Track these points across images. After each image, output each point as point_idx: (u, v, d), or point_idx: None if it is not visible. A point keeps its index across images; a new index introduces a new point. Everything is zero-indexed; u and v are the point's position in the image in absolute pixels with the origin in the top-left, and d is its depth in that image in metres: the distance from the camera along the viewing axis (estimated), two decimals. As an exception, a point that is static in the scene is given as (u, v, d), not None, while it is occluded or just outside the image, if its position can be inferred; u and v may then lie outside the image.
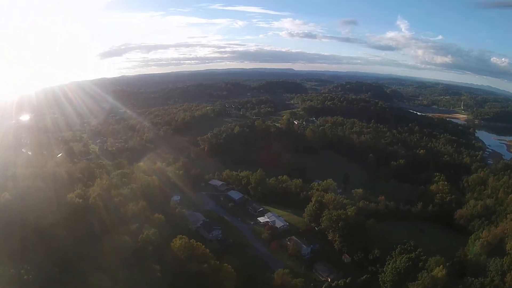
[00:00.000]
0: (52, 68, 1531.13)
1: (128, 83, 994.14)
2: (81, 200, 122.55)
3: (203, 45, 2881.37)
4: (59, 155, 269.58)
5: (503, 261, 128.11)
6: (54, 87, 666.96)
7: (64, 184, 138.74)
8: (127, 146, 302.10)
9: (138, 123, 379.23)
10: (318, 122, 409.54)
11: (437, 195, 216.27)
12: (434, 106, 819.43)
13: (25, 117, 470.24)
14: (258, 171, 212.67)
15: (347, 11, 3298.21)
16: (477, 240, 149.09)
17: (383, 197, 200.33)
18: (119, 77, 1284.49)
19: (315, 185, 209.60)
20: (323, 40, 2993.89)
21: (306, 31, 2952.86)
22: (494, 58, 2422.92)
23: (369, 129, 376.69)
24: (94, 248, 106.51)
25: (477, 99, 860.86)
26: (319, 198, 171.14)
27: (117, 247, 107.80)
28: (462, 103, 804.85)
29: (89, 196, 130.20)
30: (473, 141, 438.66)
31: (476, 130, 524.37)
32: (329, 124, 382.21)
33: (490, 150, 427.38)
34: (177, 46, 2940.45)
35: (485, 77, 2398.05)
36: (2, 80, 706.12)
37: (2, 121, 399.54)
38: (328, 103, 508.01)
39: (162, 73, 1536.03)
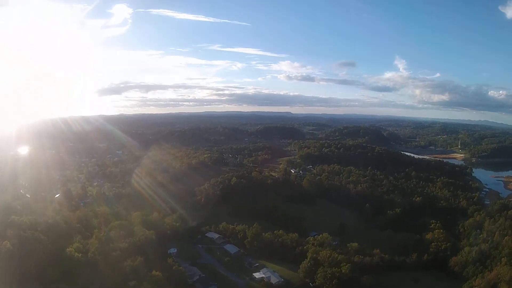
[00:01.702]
0: (50, 101, 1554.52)
1: (126, 122, 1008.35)
2: (80, 254, 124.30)
3: (201, 87, 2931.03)
4: (56, 196, 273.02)
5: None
6: (54, 120, 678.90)
7: (63, 235, 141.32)
8: (124, 192, 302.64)
9: (135, 168, 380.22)
10: (315, 170, 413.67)
11: (432, 243, 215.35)
12: (431, 147, 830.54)
13: (24, 149, 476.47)
14: (254, 225, 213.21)
15: (345, 53, 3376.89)
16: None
17: (378, 250, 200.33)
18: (118, 115, 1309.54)
19: (311, 239, 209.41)
20: (321, 83, 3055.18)
21: (304, 73, 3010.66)
22: (491, 91, 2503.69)
23: (366, 178, 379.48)
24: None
25: (474, 136, 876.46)
26: (314, 255, 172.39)
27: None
28: (460, 141, 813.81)
29: (88, 249, 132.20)
30: (470, 182, 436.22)
31: (473, 169, 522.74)
32: (326, 174, 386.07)
33: (487, 190, 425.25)
34: (175, 87, 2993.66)
35: (482, 112, 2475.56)
36: (1, 110, 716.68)
37: (1, 151, 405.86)
38: (325, 150, 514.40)
39: (160, 114, 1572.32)
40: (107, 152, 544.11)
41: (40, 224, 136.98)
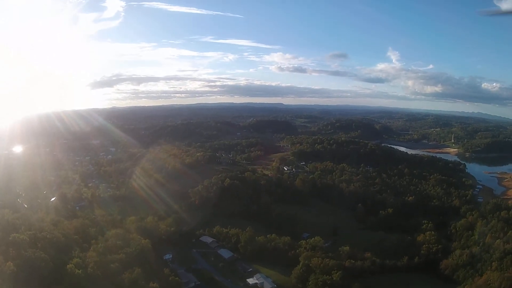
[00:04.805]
0: (43, 95, 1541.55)
1: (119, 116, 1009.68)
2: (80, 270, 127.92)
3: (193, 79, 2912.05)
4: (52, 200, 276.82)
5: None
6: (47, 115, 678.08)
7: (62, 249, 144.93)
8: (119, 194, 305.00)
9: (130, 167, 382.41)
10: (308, 168, 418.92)
11: (424, 246, 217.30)
12: (424, 141, 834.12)
13: (18, 148, 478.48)
14: (248, 229, 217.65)
15: (337, 44, 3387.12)
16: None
17: (369, 253, 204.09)
18: (110, 108, 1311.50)
19: (303, 243, 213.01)
20: (313, 74, 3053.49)
21: (296, 65, 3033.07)
22: (485, 83, 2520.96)
23: (358, 176, 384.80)
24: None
25: (467, 130, 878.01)
26: (306, 261, 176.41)
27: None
28: (453, 135, 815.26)
29: (87, 264, 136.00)
30: (464, 179, 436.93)
31: (467, 165, 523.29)
32: (319, 172, 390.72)
33: (481, 187, 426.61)
34: (167, 79, 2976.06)
35: (476, 103, 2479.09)
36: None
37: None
38: (318, 146, 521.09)
39: (152, 106, 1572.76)
40: (101, 149, 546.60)
41: (40, 240, 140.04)
